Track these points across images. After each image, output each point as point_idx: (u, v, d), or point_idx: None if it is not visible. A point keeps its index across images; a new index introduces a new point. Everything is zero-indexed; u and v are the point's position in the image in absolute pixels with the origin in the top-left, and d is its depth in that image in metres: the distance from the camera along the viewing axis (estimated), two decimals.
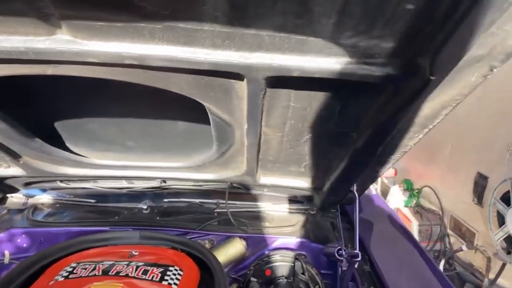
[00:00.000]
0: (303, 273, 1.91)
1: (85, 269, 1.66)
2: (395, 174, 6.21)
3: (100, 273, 1.62)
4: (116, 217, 2.27)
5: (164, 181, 2.14)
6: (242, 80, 1.07)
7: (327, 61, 0.98)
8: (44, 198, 2.47)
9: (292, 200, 2.41)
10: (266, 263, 1.98)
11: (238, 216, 2.31)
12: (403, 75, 0.98)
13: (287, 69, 1.00)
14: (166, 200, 2.42)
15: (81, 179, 2.01)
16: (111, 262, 1.71)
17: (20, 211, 2.35)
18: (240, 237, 2.13)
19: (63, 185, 2.17)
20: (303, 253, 2.06)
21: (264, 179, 1.96)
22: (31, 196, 2.47)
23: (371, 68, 0.98)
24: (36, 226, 2.17)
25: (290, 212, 2.41)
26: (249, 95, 1.13)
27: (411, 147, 1.43)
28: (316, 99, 1.20)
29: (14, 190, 2.19)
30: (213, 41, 0.95)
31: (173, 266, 1.71)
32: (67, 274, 1.64)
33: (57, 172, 1.89)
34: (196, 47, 0.97)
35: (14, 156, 1.75)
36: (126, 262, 1.72)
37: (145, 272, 1.64)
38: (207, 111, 1.30)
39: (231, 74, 1.03)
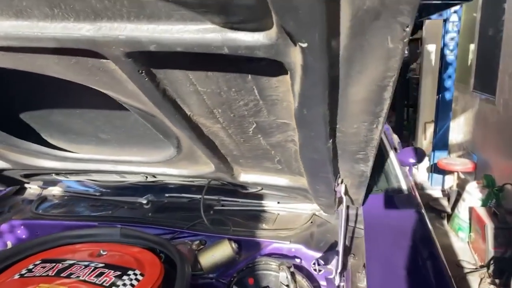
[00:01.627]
0: (287, 285, 1.66)
1: (44, 267, 1.60)
2: (474, 168, 5.48)
3: (53, 274, 1.55)
4: (110, 212, 2.20)
5: (154, 176, 2.01)
6: (105, 58, 0.87)
7: (183, 29, 0.75)
8: (56, 190, 2.49)
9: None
10: (251, 271, 1.76)
11: (234, 216, 2.11)
12: (278, 43, 0.71)
13: (139, 42, 0.78)
14: (167, 195, 2.30)
15: (60, 172, 1.96)
16: (72, 262, 1.63)
17: (31, 202, 2.39)
18: (230, 239, 1.93)
19: (60, 178, 2.15)
20: (293, 262, 1.79)
21: (245, 176, 1.75)
22: (45, 188, 2.51)
23: (238, 36, 0.73)
24: (34, 218, 2.18)
25: (298, 213, 2.14)
26: (130, 77, 0.93)
27: (376, 139, 1.12)
28: (223, 82, 0.96)
29: (18, 182, 2.23)
30: (41, 10, 0.77)
31: (133, 270, 1.58)
32: (25, 272, 1.59)
33: (36, 165, 1.86)
34: (28, 20, 0.80)
35: None
36: (87, 263, 1.63)
37: (100, 275, 1.54)
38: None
39: (86, 52, 0.84)
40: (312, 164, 1.29)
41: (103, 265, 1.61)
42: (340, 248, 1.51)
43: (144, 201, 2.29)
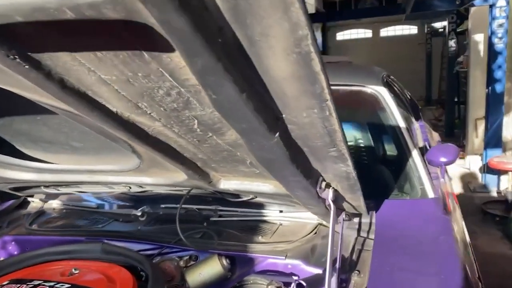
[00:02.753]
0: None
1: None
2: None
3: None
4: (101, 225, 2.06)
5: (140, 186, 1.85)
6: None
7: None
8: (55, 203, 2.40)
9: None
10: None
11: (231, 227, 1.90)
12: None
13: None
14: (163, 206, 2.13)
15: (40, 184, 1.85)
16: (38, 282, 1.49)
17: (32, 215, 2.31)
18: (221, 254, 1.72)
19: (49, 190, 2.05)
20: (287, 280, 1.54)
21: (225, 183, 1.54)
22: (46, 201, 2.43)
23: None
24: (26, 234, 2.09)
25: (302, 223, 1.90)
26: (4, 65, 0.75)
27: (338, 130, 0.88)
28: (120, 64, 0.77)
29: (11, 196, 2.15)
30: None
31: None
32: None
33: (11, 177, 1.75)
34: None
35: None
36: (53, 283, 1.48)
37: None
38: None
39: None
40: (271, 165, 1.06)
41: (69, 285, 1.46)
42: (328, 265, 1.26)
43: (139, 213, 2.14)
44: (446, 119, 9.99)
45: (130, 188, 1.84)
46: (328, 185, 1.29)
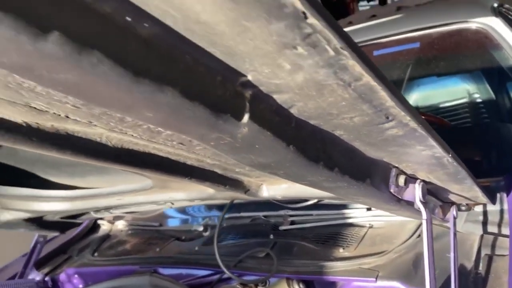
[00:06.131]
0: None
1: None
2: None
3: None
4: (158, 249, 1.78)
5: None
6: None
7: None
8: (121, 225, 2.21)
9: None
10: None
11: (305, 237, 1.47)
12: None
13: None
14: (227, 216, 1.77)
15: (77, 212, 1.63)
16: None
17: (98, 241, 2.14)
18: (291, 278, 1.30)
19: (99, 215, 1.84)
20: None
21: (269, 189, 1.11)
22: (113, 223, 2.26)
23: None
24: (86, 265, 1.91)
25: (399, 222, 1.39)
26: None
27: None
28: None
29: (66, 224, 1.99)
30: None
31: None
32: None
33: (44, 209, 1.56)
34: None
35: None
36: None
37: None
38: None
39: None
40: (274, 170, 0.60)
41: None
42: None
43: (201, 228, 1.82)
44: None
45: (173, 204, 1.52)
46: (411, 179, 0.78)
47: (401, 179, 0.75)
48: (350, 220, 1.49)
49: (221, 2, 0.28)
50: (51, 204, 1.54)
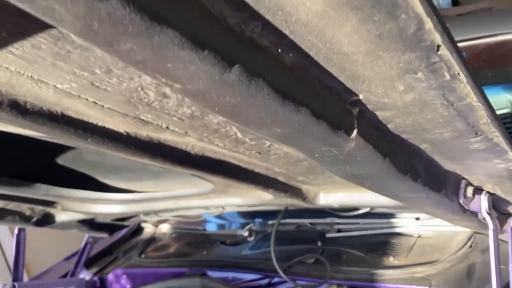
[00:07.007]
0: None
1: None
2: None
3: None
4: (205, 252, 1.83)
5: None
6: None
7: None
8: (165, 228, 2.28)
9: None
10: None
11: (352, 245, 1.49)
12: None
13: None
14: (270, 222, 1.82)
15: (132, 215, 1.70)
16: None
17: (143, 244, 2.22)
18: (340, 285, 1.33)
19: (149, 218, 1.91)
20: None
21: (327, 197, 1.15)
22: (157, 226, 2.33)
23: None
24: (135, 267, 1.98)
25: (449, 232, 1.40)
26: None
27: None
28: None
29: (110, 227, 2.07)
30: None
31: None
32: None
33: (100, 212, 1.63)
34: None
35: (48, 204, 1.58)
36: None
37: None
38: None
39: None
40: (362, 181, 0.63)
41: None
42: None
43: (246, 233, 1.86)
44: None
45: (224, 209, 1.57)
46: (477, 191, 0.81)
47: (469, 190, 0.78)
48: (397, 230, 1.51)
49: (366, 36, 0.33)
50: (109, 206, 1.61)
